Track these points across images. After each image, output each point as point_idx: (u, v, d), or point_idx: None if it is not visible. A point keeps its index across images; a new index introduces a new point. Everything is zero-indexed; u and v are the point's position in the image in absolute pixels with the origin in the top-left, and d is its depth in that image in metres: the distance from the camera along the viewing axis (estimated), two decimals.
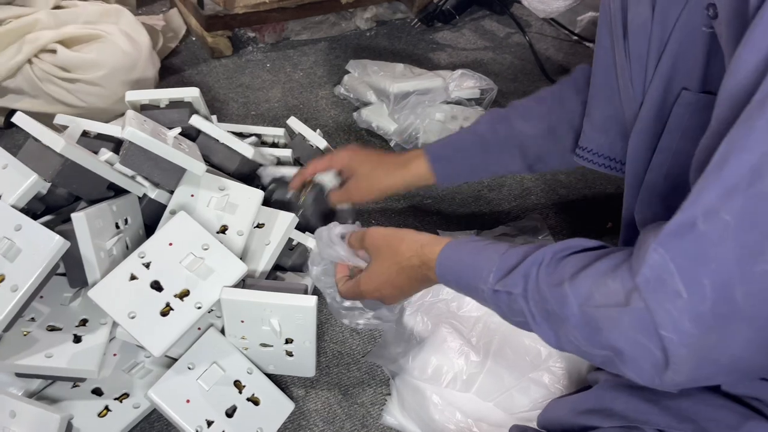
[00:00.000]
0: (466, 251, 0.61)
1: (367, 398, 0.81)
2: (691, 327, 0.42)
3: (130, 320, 0.68)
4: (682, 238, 0.42)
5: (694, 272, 0.41)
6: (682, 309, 0.42)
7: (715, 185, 0.41)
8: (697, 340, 0.42)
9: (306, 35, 1.50)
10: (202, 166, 0.80)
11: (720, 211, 0.40)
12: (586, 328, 0.48)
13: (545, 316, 0.52)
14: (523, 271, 0.54)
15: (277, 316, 0.72)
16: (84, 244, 0.70)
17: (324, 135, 1.19)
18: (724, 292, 0.41)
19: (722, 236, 0.40)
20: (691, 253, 0.42)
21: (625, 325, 0.45)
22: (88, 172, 0.75)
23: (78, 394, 0.73)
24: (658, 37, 0.60)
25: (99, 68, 1.07)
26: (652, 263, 0.43)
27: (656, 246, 0.43)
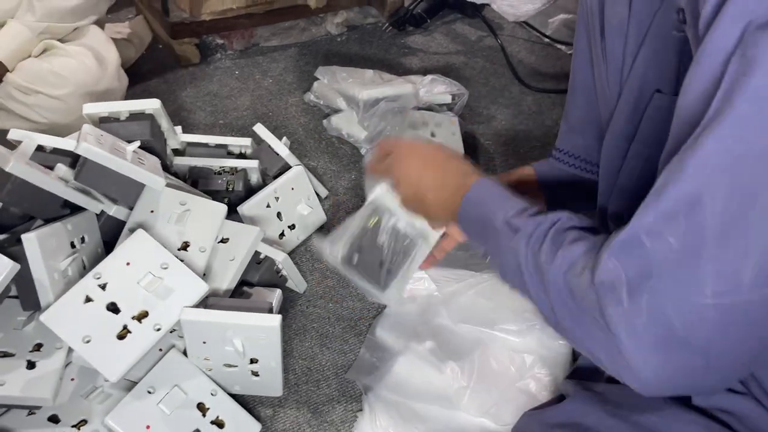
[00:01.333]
0: (501, 188, 0.60)
1: (337, 416, 0.79)
2: (625, 337, 0.42)
3: (84, 345, 0.65)
4: (630, 252, 0.43)
5: (638, 285, 0.42)
6: (620, 317, 0.43)
7: (655, 210, 0.41)
8: (635, 354, 0.43)
9: (275, 41, 1.47)
10: (162, 181, 0.77)
11: (664, 233, 0.41)
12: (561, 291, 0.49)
13: (534, 265, 0.52)
14: (539, 220, 0.54)
15: (240, 337, 0.70)
16: (36, 266, 0.67)
17: (293, 143, 1.17)
18: (658, 312, 0.41)
19: (665, 256, 0.41)
20: (637, 266, 0.42)
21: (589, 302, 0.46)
22: (40, 191, 0.72)
23: (33, 422, 0.70)
24: (634, 38, 0.60)
25: (63, 83, 1.03)
26: (606, 269, 0.44)
27: (609, 254, 0.44)
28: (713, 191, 0.38)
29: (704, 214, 0.39)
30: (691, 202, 0.39)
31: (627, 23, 0.59)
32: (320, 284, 0.95)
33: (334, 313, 0.91)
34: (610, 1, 0.61)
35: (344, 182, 1.12)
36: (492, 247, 0.58)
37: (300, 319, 0.90)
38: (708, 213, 0.39)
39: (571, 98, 0.76)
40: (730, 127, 0.37)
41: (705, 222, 0.39)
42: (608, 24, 0.62)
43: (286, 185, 0.97)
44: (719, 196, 0.38)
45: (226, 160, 0.97)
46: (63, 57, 1.06)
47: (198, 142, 0.99)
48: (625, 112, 0.62)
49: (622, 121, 0.63)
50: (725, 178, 0.38)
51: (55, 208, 0.75)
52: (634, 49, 0.59)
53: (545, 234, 0.52)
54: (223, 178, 0.96)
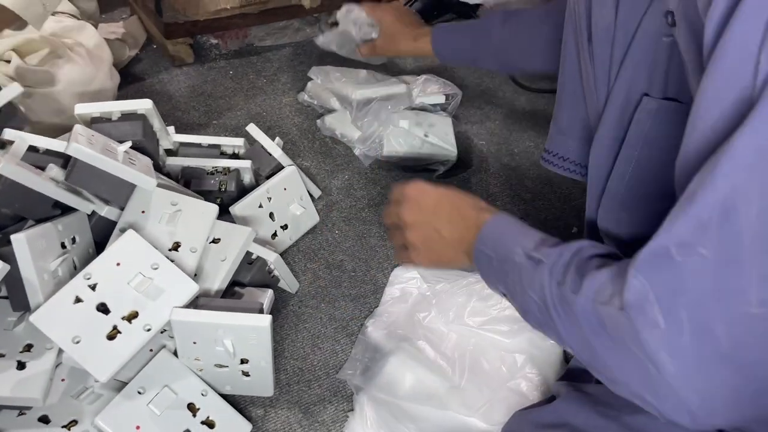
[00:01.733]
0: (518, 223, 0.61)
1: (328, 416, 0.79)
2: (669, 360, 0.40)
3: (74, 345, 0.65)
4: (658, 267, 0.41)
5: (672, 302, 0.40)
6: (659, 340, 0.40)
7: (687, 218, 0.39)
8: (680, 377, 0.40)
9: (270, 41, 1.47)
10: (153, 182, 0.77)
11: (695, 245, 0.39)
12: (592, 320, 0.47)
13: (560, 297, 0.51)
14: (560, 250, 0.53)
15: (230, 337, 0.70)
16: (25, 266, 0.67)
17: (287, 143, 1.17)
18: (703, 328, 0.39)
19: (699, 269, 0.39)
20: (668, 282, 0.40)
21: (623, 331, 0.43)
22: (31, 192, 0.72)
23: (24, 423, 0.70)
24: (621, 41, 0.60)
25: (55, 82, 1.04)
26: (633, 289, 0.42)
27: (635, 272, 0.42)
28: (747, 193, 0.37)
29: (739, 220, 0.37)
30: (724, 209, 0.37)
31: (614, 27, 0.59)
32: (312, 285, 0.95)
33: (326, 313, 0.91)
34: (597, 4, 0.61)
35: (337, 182, 1.12)
36: (512, 285, 0.57)
37: (292, 320, 0.90)
38: (743, 217, 0.37)
39: (559, 101, 0.76)
40: (763, 123, 0.36)
41: (741, 227, 0.37)
42: (595, 28, 0.62)
43: (278, 185, 0.97)
44: (754, 198, 0.36)
45: (218, 161, 0.97)
46: (54, 56, 1.06)
47: (191, 142, 0.99)
48: (613, 116, 0.63)
49: (611, 125, 0.63)
50: (759, 177, 0.36)
51: (46, 208, 0.75)
52: (622, 53, 0.59)
53: (568, 263, 0.51)
54: (216, 178, 0.96)
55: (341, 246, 1.01)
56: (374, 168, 1.15)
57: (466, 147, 1.22)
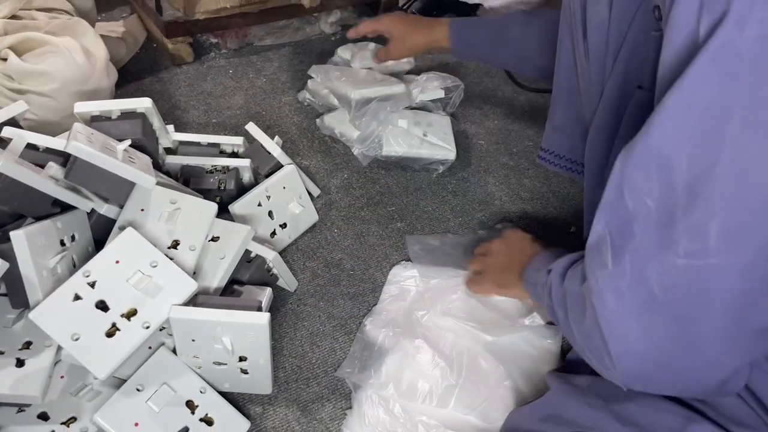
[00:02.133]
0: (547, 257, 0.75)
1: (326, 414, 0.79)
2: (611, 301, 0.43)
3: (73, 342, 0.65)
4: (614, 210, 0.44)
5: (620, 246, 0.43)
6: (606, 280, 0.44)
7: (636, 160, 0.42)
8: (620, 319, 0.43)
9: (269, 40, 1.47)
10: (152, 180, 0.78)
11: (642, 192, 0.42)
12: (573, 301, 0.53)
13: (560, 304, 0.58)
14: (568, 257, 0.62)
15: (229, 335, 0.70)
16: (24, 263, 0.68)
17: (286, 142, 1.17)
18: (640, 274, 0.42)
19: (644, 218, 0.41)
20: (620, 227, 0.43)
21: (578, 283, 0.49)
22: (30, 189, 0.72)
23: (23, 419, 0.70)
24: (615, 36, 0.61)
25: (51, 80, 1.03)
26: (595, 233, 0.46)
27: (599, 215, 0.45)
28: (678, 147, 0.39)
29: (673, 172, 0.40)
30: (659, 160, 0.40)
31: (608, 23, 0.60)
32: (311, 283, 0.95)
33: (324, 311, 0.91)
34: (592, 1, 0.62)
35: (336, 181, 1.12)
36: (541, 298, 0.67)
37: (290, 318, 0.90)
38: (676, 170, 0.39)
39: (555, 98, 0.77)
40: (690, 82, 0.38)
41: (674, 180, 0.40)
42: (590, 23, 0.63)
43: (277, 184, 0.97)
44: (684, 152, 0.39)
45: (217, 159, 0.97)
46: (50, 54, 1.05)
47: (190, 141, 0.99)
48: (608, 109, 0.63)
49: (605, 118, 0.64)
50: (687, 132, 0.39)
51: (45, 206, 0.75)
52: (616, 48, 0.60)
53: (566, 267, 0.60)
54: (215, 176, 0.96)
55: (340, 245, 1.01)
56: (373, 167, 1.16)
57: (465, 146, 1.23)
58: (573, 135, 0.77)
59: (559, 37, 0.73)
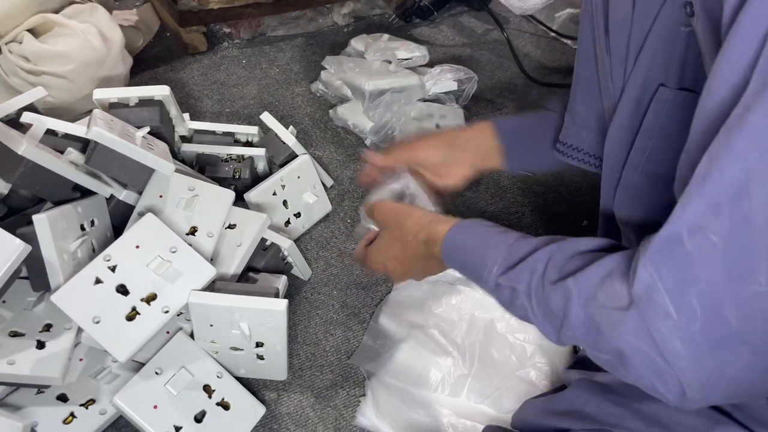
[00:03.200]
0: (474, 236, 0.60)
1: (340, 401, 0.80)
2: (682, 348, 0.41)
3: (94, 325, 0.66)
4: (668, 256, 0.41)
5: (683, 292, 0.40)
6: (672, 329, 0.41)
7: (699, 201, 0.39)
8: (691, 362, 0.41)
9: (282, 31, 1.48)
10: (171, 167, 0.78)
11: (706, 230, 0.39)
12: (587, 329, 0.47)
13: (546, 314, 0.51)
14: (530, 266, 0.52)
15: (247, 320, 0.71)
16: (46, 247, 0.68)
17: (299, 132, 1.18)
18: (715, 313, 0.40)
19: (709, 257, 0.39)
20: (678, 273, 0.40)
21: (627, 329, 0.44)
22: (51, 174, 0.73)
23: (42, 400, 0.71)
24: (638, 32, 0.60)
25: (67, 61, 1.04)
26: (641, 280, 0.42)
27: (645, 262, 0.42)
28: (760, 174, 0.36)
29: (750, 202, 0.37)
30: (736, 191, 0.37)
31: (631, 18, 0.60)
32: (325, 272, 0.96)
33: (338, 300, 0.92)
34: None
35: (349, 172, 1.13)
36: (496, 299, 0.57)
37: (305, 306, 0.91)
38: (755, 199, 0.37)
39: (574, 93, 0.77)
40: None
41: (752, 210, 0.37)
42: (612, 19, 0.63)
43: (292, 174, 0.97)
44: (767, 178, 0.36)
45: (233, 148, 0.97)
46: (67, 36, 1.06)
47: (206, 130, 0.99)
48: (629, 106, 0.63)
49: (626, 115, 0.64)
50: None
51: (65, 191, 0.76)
52: (638, 44, 0.60)
53: (542, 276, 0.51)
54: (230, 165, 0.96)
55: (353, 235, 1.02)
56: None
57: None
58: (593, 129, 0.77)
59: (579, 31, 0.73)
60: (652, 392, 0.45)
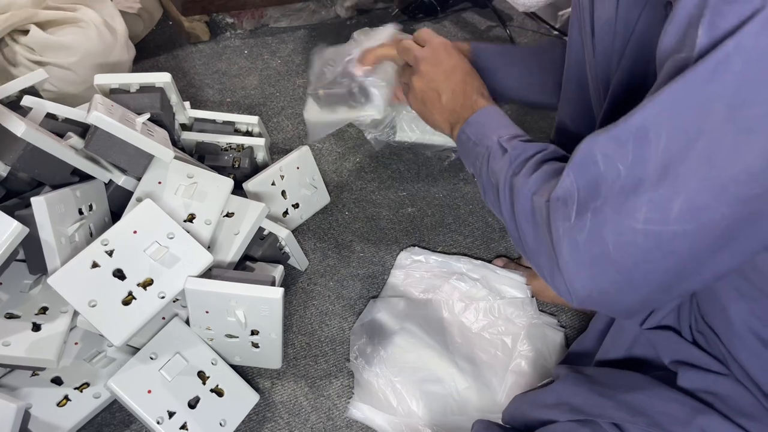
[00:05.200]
0: (505, 117, 0.66)
1: (333, 391, 0.81)
2: (567, 249, 0.47)
3: (90, 308, 0.66)
4: (587, 169, 0.47)
5: (585, 203, 0.46)
6: (564, 231, 0.47)
7: (614, 131, 0.45)
8: (571, 265, 0.48)
9: (285, 22, 1.47)
10: (171, 153, 0.78)
11: (614, 159, 0.44)
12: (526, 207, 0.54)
13: (509, 185, 0.57)
14: (528, 146, 0.59)
15: (243, 308, 0.71)
16: (44, 229, 0.68)
17: (299, 123, 1.18)
18: (598, 233, 0.46)
19: (614, 182, 0.44)
20: (588, 185, 0.46)
21: (541, 216, 0.51)
22: (51, 157, 0.73)
23: (37, 382, 0.72)
24: (622, 33, 0.62)
25: (72, 53, 1.04)
26: (563, 185, 0.48)
27: (569, 171, 0.48)
28: (659, 128, 0.42)
29: (649, 148, 0.42)
30: (639, 134, 0.43)
31: (615, 20, 0.61)
32: (321, 263, 0.96)
33: (334, 291, 0.92)
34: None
35: (349, 164, 1.13)
36: (480, 166, 0.63)
37: (300, 296, 0.91)
38: (653, 147, 0.42)
39: (564, 93, 0.78)
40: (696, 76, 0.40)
41: (649, 155, 0.42)
42: (597, 21, 0.64)
43: (291, 164, 0.98)
44: (664, 133, 0.42)
45: (233, 137, 0.98)
46: (73, 28, 1.06)
47: (206, 118, 1.00)
48: (614, 106, 0.64)
49: (611, 115, 0.65)
50: (672, 118, 0.41)
51: (64, 175, 0.76)
52: (622, 45, 0.62)
53: (527, 159, 0.57)
54: (230, 154, 0.97)
55: (351, 227, 1.02)
56: (385, 152, 1.16)
57: None
58: (582, 128, 0.78)
59: (569, 33, 0.74)
60: (551, 284, 0.52)
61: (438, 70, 0.71)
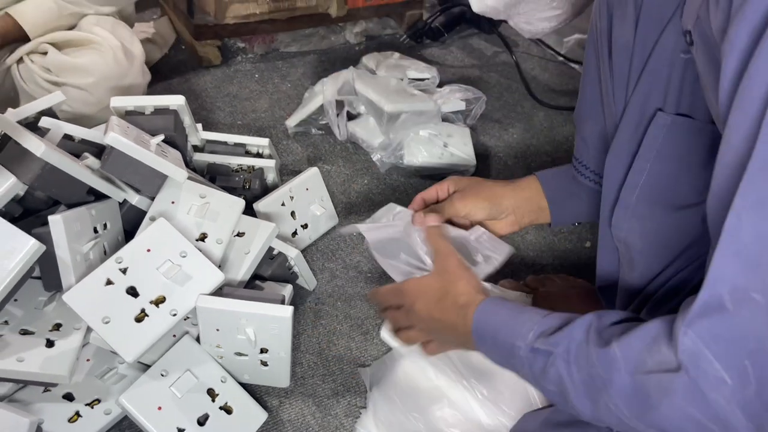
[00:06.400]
0: (507, 307, 0.60)
1: (341, 410, 0.81)
2: (742, 416, 0.40)
3: (103, 325, 0.68)
4: (711, 320, 0.40)
5: (734, 355, 0.39)
6: (729, 396, 0.40)
7: (735, 260, 0.39)
8: (752, 429, 0.40)
9: (295, 47, 1.51)
10: (184, 174, 0.80)
11: (747, 289, 0.38)
12: (634, 397, 0.45)
13: (587, 382, 0.48)
14: (568, 331, 0.51)
15: (253, 326, 0.72)
16: (60, 247, 0.70)
17: (309, 146, 1.20)
18: (766, 377, 0.39)
19: (755, 316, 0.38)
20: (726, 336, 0.39)
21: (678, 394, 0.42)
22: (68, 177, 0.75)
23: (49, 398, 0.73)
24: (639, 57, 0.63)
25: (88, 74, 1.07)
26: (684, 348, 0.41)
27: (685, 329, 0.41)
28: None
29: None
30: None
31: (633, 43, 0.62)
32: (330, 283, 0.97)
33: (342, 311, 0.93)
34: (618, 21, 0.64)
35: (357, 186, 1.15)
36: (525, 376, 0.56)
37: (309, 315, 0.92)
38: None
39: (581, 112, 0.79)
40: None
41: None
42: (615, 44, 0.65)
43: (301, 185, 0.99)
44: None
45: (243, 159, 0.99)
46: (90, 50, 1.09)
47: (218, 140, 1.02)
48: (628, 129, 0.65)
49: (625, 137, 0.66)
50: None
51: (80, 194, 0.78)
52: (639, 68, 0.62)
53: (585, 342, 0.49)
54: (241, 175, 0.98)
55: (358, 248, 1.03)
56: (392, 174, 1.18)
57: (484, 158, 1.25)
58: (598, 149, 0.78)
59: (585, 54, 0.75)
60: None
61: (422, 315, 0.68)
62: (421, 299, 0.68)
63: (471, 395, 0.82)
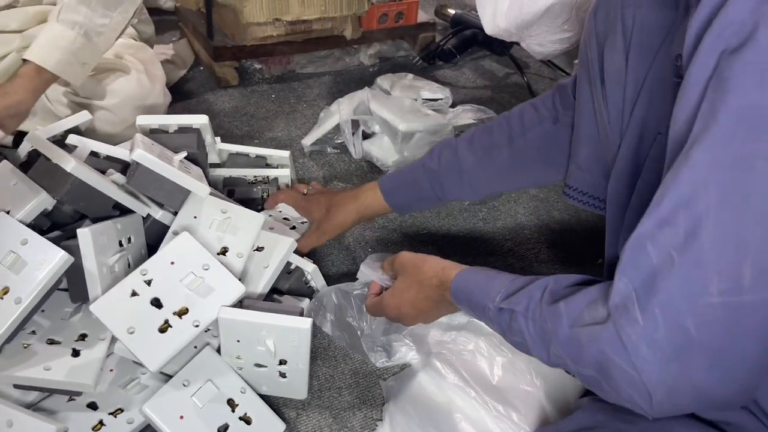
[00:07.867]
0: (481, 275, 0.67)
1: (357, 422, 0.82)
2: (648, 353, 0.45)
3: (128, 335, 0.70)
4: (637, 264, 0.46)
5: (648, 301, 0.45)
6: (639, 335, 0.45)
7: (654, 217, 0.45)
8: (657, 367, 0.45)
9: (311, 69, 1.54)
10: (206, 189, 0.83)
11: (664, 244, 0.44)
12: (571, 345, 0.52)
13: (540, 334, 0.56)
14: (529, 293, 0.58)
15: (273, 337, 0.74)
16: (88, 259, 0.72)
17: (324, 165, 1.23)
18: (675, 322, 0.44)
19: (669, 270, 0.44)
20: (646, 283, 0.45)
21: (603, 340, 0.48)
22: (95, 192, 0.77)
23: (73, 407, 0.74)
24: (632, 85, 0.64)
25: (113, 96, 1.10)
26: (618, 290, 0.47)
27: (620, 275, 0.47)
28: (706, 195, 0.42)
29: (699, 217, 0.42)
30: (686, 206, 0.43)
31: (625, 71, 0.64)
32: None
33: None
34: (609, 50, 0.66)
35: None
36: (496, 329, 0.64)
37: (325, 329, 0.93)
38: (703, 216, 0.42)
39: (576, 139, 0.80)
40: (716, 138, 0.42)
41: (701, 224, 0.42)
42: (607, 72, 0.67)
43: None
44: (712, 199, 0.42)
45: (258, 170, 1.02)
46: (116, 73, 1.12)
47: (239, 152, 1.04)
48: (628, 155, 0.66)
49: (626, 163, 0.67)
50: (716, 182, 0.42)
51: (106, 208, 0.80)
52: (633, 96, 0.64)
53: (540, 301, 0.56)
54: (258, 187, 1.01)
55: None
56: None
57: None
58: (596, 174, 0.79)
59: (578, 85, 0.77)
60: (630, 404, 0.49)
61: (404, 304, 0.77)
62: (403, 304, 0.77)
63: (485, 410, 0.83)
